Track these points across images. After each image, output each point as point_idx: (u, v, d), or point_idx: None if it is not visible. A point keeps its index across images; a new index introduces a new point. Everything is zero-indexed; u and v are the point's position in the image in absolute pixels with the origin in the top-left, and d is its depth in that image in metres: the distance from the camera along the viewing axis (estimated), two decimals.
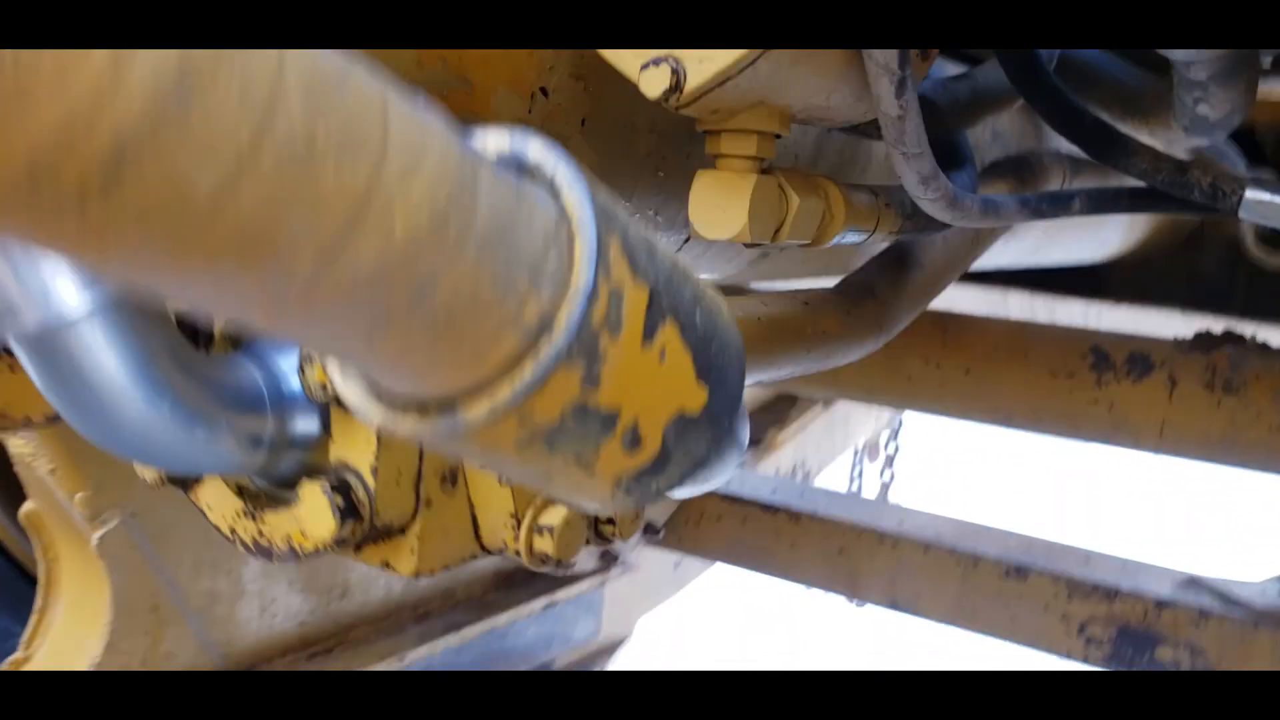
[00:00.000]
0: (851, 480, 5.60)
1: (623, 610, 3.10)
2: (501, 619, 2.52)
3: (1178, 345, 1.85)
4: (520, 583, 2.67)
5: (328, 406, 0.67)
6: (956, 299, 4.06)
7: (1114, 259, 4.18)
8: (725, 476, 0.62)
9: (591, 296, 0.40)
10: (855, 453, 5.53)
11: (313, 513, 0.66)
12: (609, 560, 2.66)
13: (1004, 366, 1.96)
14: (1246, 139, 3.82)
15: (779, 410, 4.24)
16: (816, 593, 3.11)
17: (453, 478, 0.72)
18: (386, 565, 0.70)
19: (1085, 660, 2.37)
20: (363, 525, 0.66)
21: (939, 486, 10.75)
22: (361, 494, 0.67)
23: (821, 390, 2.22)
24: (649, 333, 0.44)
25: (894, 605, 2.62)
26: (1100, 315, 3.74)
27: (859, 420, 4.83)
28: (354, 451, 0.67)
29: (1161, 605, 2.27)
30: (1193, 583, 2.37)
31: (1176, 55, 1.11)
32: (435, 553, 0.70)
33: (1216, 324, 2.07)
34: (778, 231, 0.92)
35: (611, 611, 3.02)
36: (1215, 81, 1.20)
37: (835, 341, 1.25)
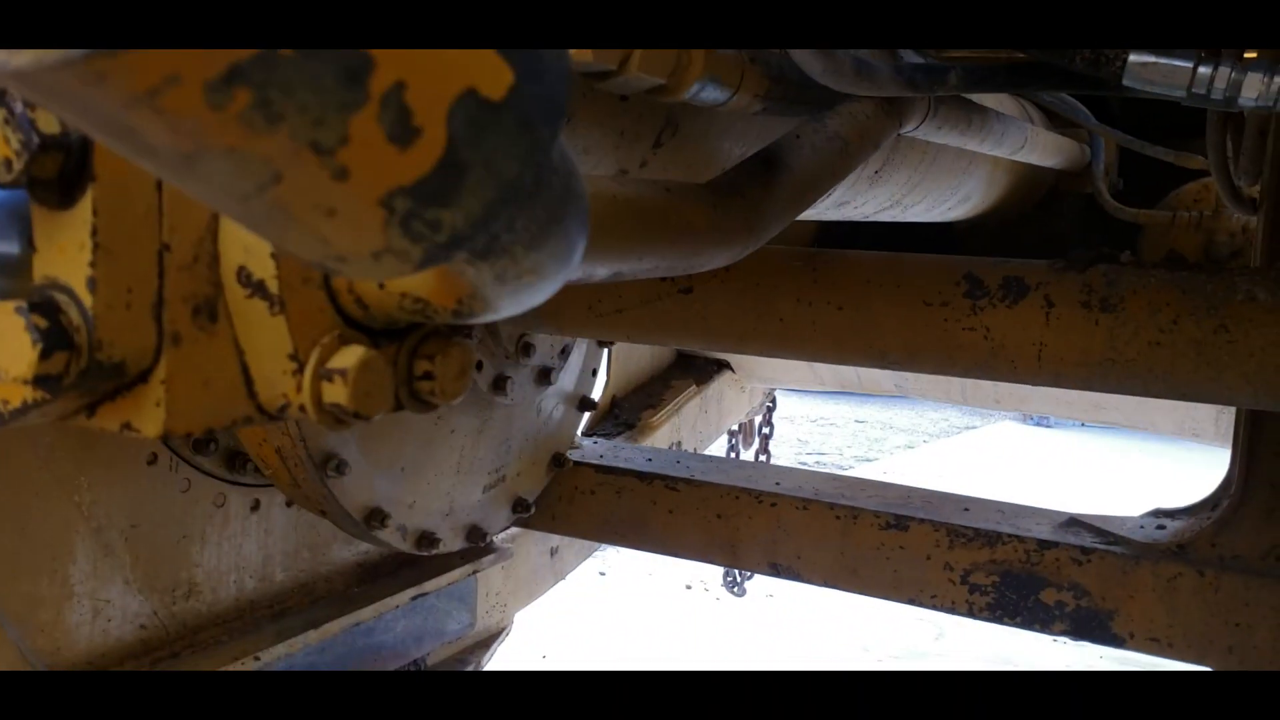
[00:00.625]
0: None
1: (498, 602, 2.95)
2: (367, 613, 2.34)
3: (1052, 266, 1.79)
4: (386, 574, 2.51)
5: (27, 214, 0.50)
6: None
7: (974, 220, 4.22)
8: (563, 261, 0.48)
9: None
10: (730, 435, 5.49)
11: (5, 342, 0.49)
12: (480, 545, 2.50)
13: (877, 300, 1.87)
14: (1098, 102, 3.89)
15: (652, 392, 4.16)
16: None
17: (211, 311, 0.55)
18: (128, 427, 0.53)
19: (971, 612, 2.31)
20: (79, 359, 0.49)
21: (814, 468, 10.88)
22: (75, 316, 0.50)
23: (690, 340, 2.11)
24: None
25: (775, 570, 2.52)
26: None
27: (733, 401, 4.79)
28: (64, 262, 0.50)
29: (1043, 546, 2.23)
30: (1073, 522, 2.34)
31: None
32: (191, 407, 0.54)
33: None
34: (626, 61, 0.78)
35: (486, 603, 2.88)
36: None
37: (702, 237, 1.12)
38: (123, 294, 0.50)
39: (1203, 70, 1.09)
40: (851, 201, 2.38)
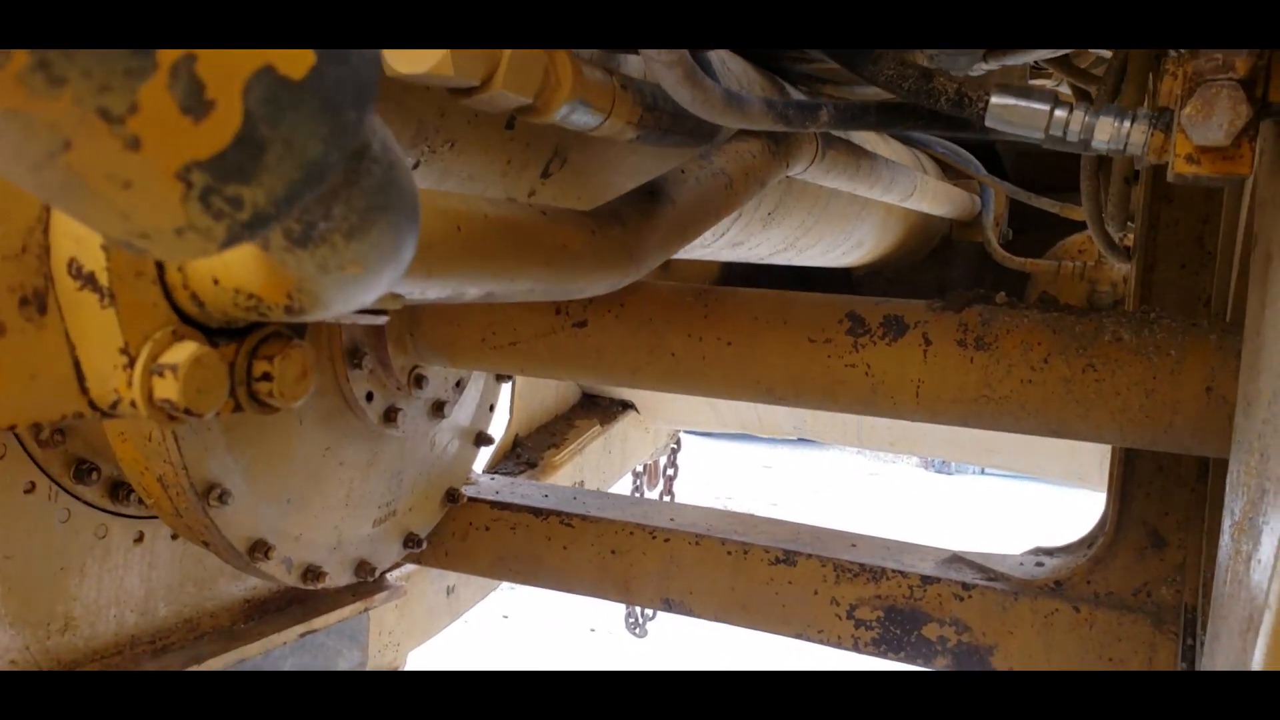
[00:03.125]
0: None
1: (391, 640, 2.90)
2: (253, 649, 2.29)
3: (930, 306, 1.85)
4: (274, 610, 2.46)
5: None
6: None
7: (868, 272, 4.33)
8: (391, 258, 0.49)
9: None
10: (634, 476, 5.50)
11: None
12: (370, 581, 2.45)
13: (764, 337, 1.91)
14: (989, 154, 4.04)
15: (555, 431, 4.16)
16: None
17: (40, 302, 0.54)
18: None
19: (856, 647, 2.34)
20: None
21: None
22: None
23: (584, 373, 2.12)
24: None
25: (668, 605, 2.53)
26: None
27: (637, 442, 4.80)
28: None
29: (926, 581, 2.28)
30: (955, 559, 2.39)
31: None
32: (16, 399, 0.53)
33: None
34: (490, 77, 0.80)
35: (379, 641, 2.83)
36: None
37: (579, 260, 1.13)
38: None
39: (1059, 113, 1.15)
40: (746, 242, 2.43)
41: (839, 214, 2.83)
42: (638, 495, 5.62)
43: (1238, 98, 0.86)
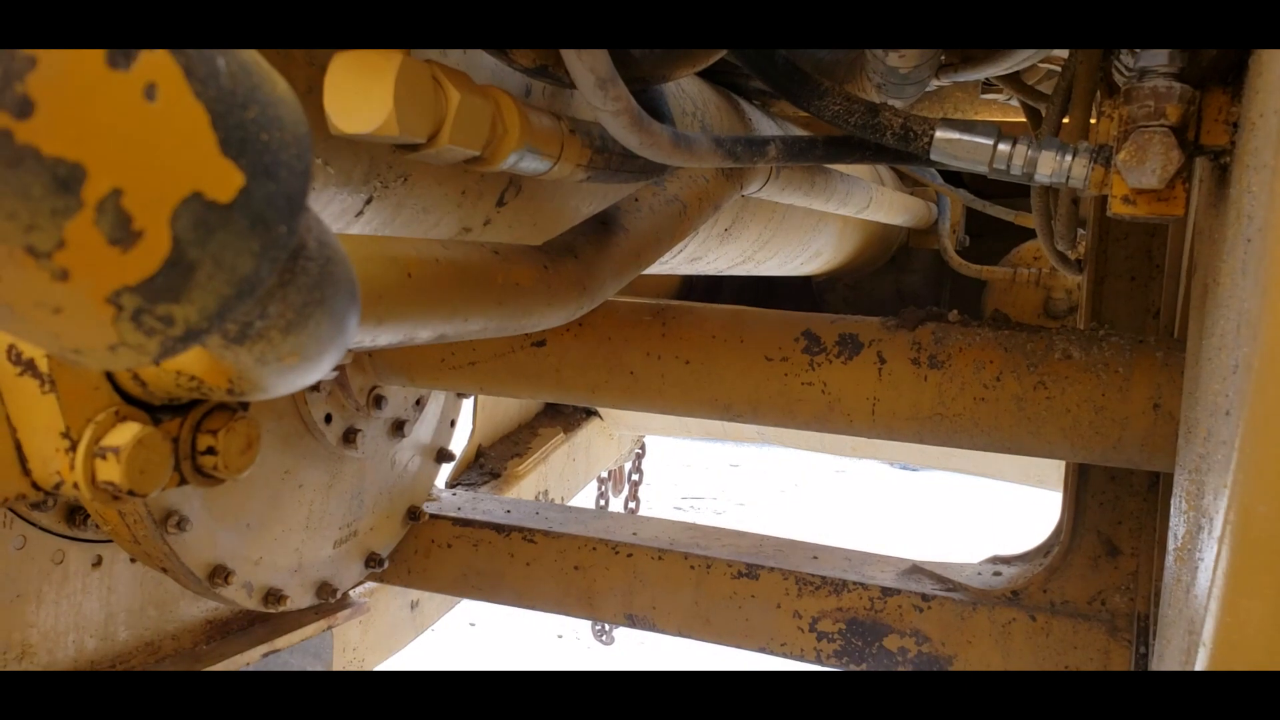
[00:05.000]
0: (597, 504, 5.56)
1: (356, 657, 2.89)
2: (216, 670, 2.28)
3: (885, 324, 1.87)
4: (236, 630, 2.44)
5: None
6: None
7: (828, 278, 4.36)
8: (328, 349, 0.49)
9: None
10: (599, 482, 5.50)
11: None
12: (332, 602, 2.45)
13: (721, 355, 1.93)
14: (952, 172, 4.08)
15: (519, 440, 4.15)
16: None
17: None
18: None
19: (819, 659, 2.36)
20: None
21: (685, 514, 10.94)
22: None
23: (544, 392, 2.12)
24: (119, 49, 0.30)
25: (631, 621, 2.54)
26: None
27: (601, 449, 4.81)
28: None
29: (886, 594, 2.30)
30: (915, 570, 2.42)
31: None
32: None
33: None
34: (437, 133, 0.80)
35: (343, 658, 2.82)
36: None
37: (532, 297, 1.14)
38: None
39: (1002, 147, 1.17)
40: (704, 257, 2.44)
41: (796, 226, 2.85)
42: (603, 502, 5.63)
43: (1169, 144, 0.89)
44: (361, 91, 0.74)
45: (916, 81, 1.36)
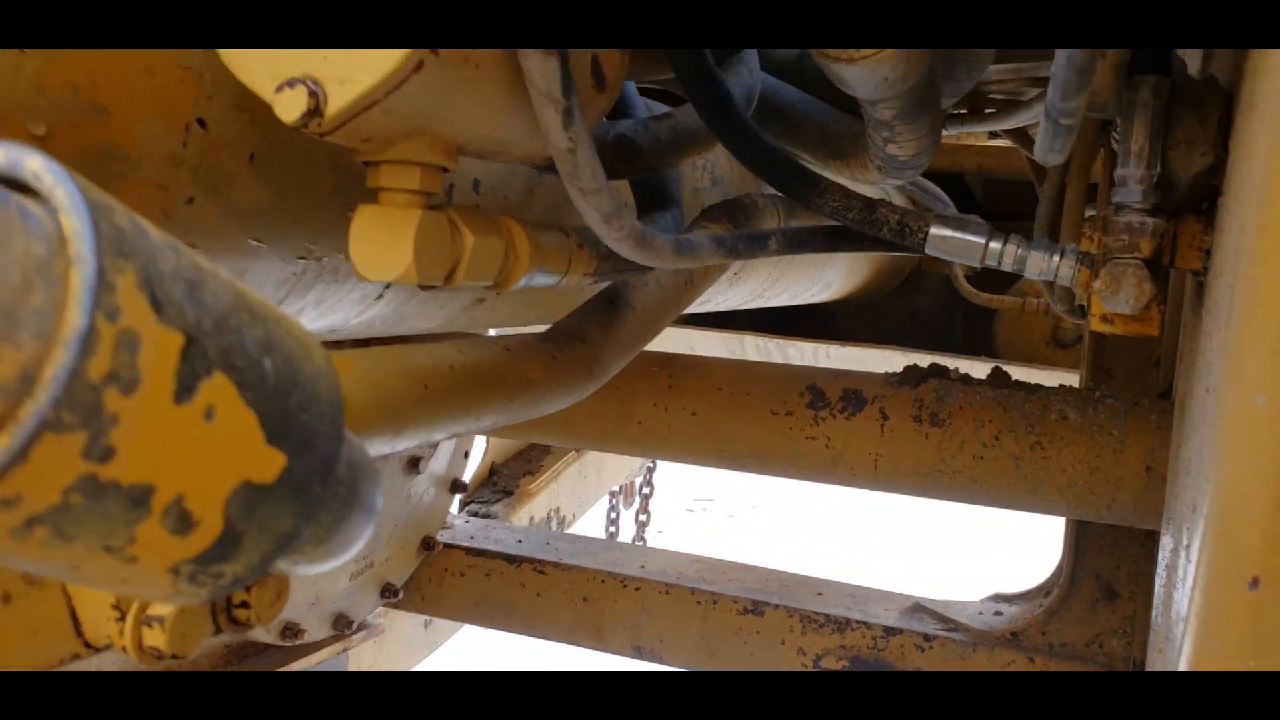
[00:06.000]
0: (608, 524, 5.62)
1: None
2: None
3: (888, 380, 1.92)
4: (254, 654, 2.51)
5: None
6: (696, 341, 4.17)
7: (840, 300, 4.41)
8: (353, 546, 0.55)
9: (86, 344, 0.32)
10: (611, 496, 5.55)
11: None
12: (346, 625, 2.51)
13: (728, 407, 1.98)
14: (957, 185, 4.12)
15: (531, 458, 4.20)
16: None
17: None
18: None
19: None
20: None
21: (697, 524, 10.99)
22: None
23: (552, 437, 2.18)
24: (185, 388, 0.36)
25: (638, 653, 2.59)
26: (829, 354, 3.91)
27: (613, 466, 4.86)
28: None
29: (889, 632, 2.35)
30: (917, 608, 2.46)
31: (861, 94, 1.13)
32: (22, 654, 0.59)
33: (939, 358, 2.18)
34: (452, 273, 0.86)
35: None
36: (900, 121, 1.24)
37: (541, 389, 1.20)
38: None
39: (993, 245, 1.22)
40: (713, 300, 2.49)
41: (805, 263, 2.90)
42: (614, 514, 5.68)
43: (1142, 276, 0.94)
44: (383, 244, 0.79)
45: (915, 166, 1.41)
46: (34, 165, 0.35)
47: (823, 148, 1.70)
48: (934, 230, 1.23)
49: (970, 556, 10.14)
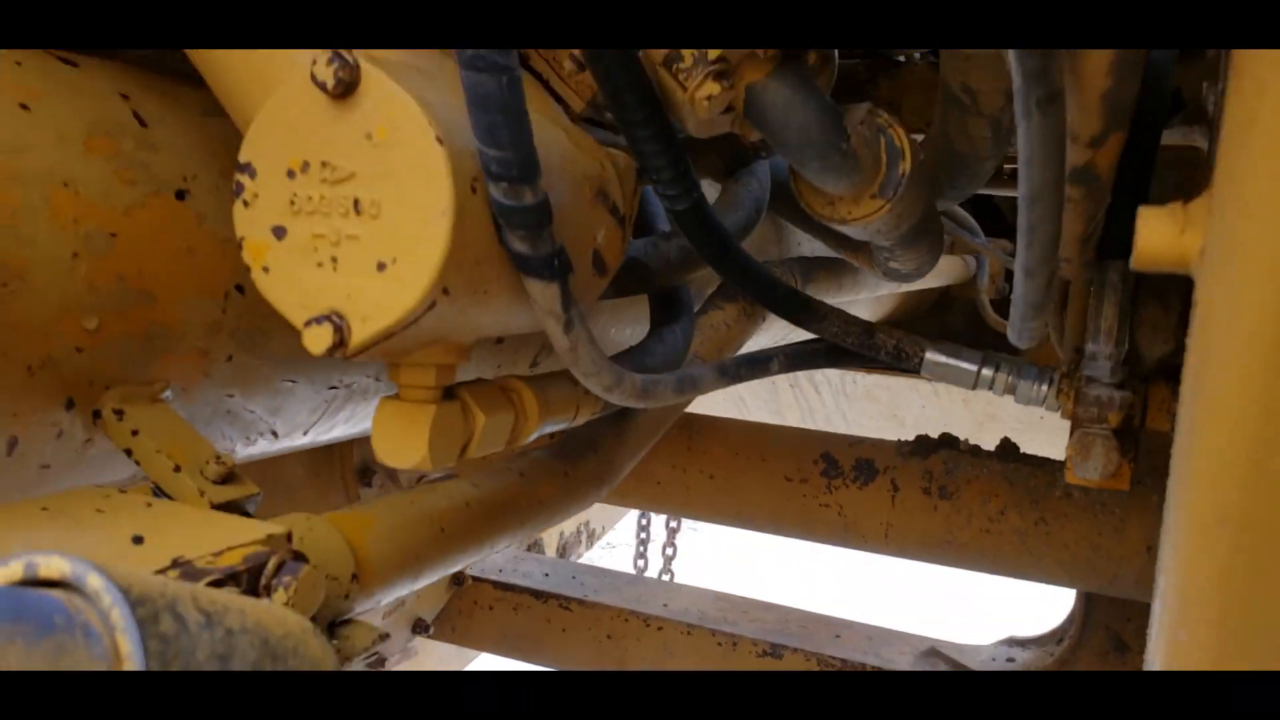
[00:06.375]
0: (638, 534, 5.69)
1: None
2: None
3: (899, 449, 1.98)
4: None
5: None
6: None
7: None
8: None
9: None
10: (641, 514, 5.62)
11: None
12: (379, 663, 2.61)
13: (743, 472, 2.05)
14: (985, 206, 4.14)
15: None
16: None
17: None
18: None
19: None
20: None
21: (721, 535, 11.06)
22: None
23: None
24: None
25: None
26: (856, 381, 3.96)
27: None
28: None
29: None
30: (932, 652, 2.53)
31: (860, 239, 1.20)
32: None
33: None
34: (465, 448, 0.94)
35: None
36: (900, 248, 1.31)
37: (553, 508, 1.27)
38: None
39: (985, 372, 1.28)
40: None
41: (833, 299, 2.95)
42: (644, 521, 5.75)
43: (1110, 446, 1.00)
44: (402, 435, 0.88)
45: (918, 275, 1.47)
46: (94, 584, 0.43)
47: (833, 238, 1.76)
48: (929, 355, 1.29)
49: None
